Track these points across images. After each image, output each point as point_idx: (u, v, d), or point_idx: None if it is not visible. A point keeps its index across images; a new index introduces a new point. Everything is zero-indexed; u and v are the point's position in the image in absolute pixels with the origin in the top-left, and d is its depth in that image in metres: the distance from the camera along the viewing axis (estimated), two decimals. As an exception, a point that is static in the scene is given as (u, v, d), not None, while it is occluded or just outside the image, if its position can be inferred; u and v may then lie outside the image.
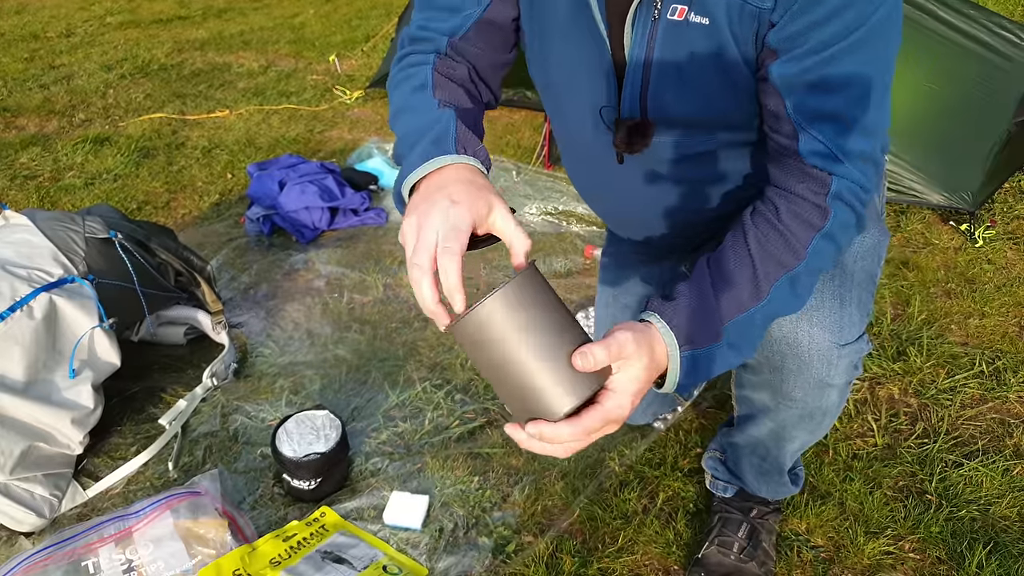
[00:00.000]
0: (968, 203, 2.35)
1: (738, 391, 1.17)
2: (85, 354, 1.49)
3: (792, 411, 1.06)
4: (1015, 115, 2.32)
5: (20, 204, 2.69)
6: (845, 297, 0.99)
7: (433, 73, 0.97)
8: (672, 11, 0.86)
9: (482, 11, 0.98)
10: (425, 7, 1.01)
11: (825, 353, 0.97)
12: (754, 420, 1.16)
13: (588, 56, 0.96)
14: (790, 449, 1.17)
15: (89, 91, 3.94)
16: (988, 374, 1.76)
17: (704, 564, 1.28)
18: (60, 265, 1.49)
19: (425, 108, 0.92)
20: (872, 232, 1.06)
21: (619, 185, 1.11)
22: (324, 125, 3.43)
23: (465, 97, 0.97)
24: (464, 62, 1.01)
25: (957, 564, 1.32)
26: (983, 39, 2.30)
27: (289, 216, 2.39)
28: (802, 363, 0.99)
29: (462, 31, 0.98)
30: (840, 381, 1.00)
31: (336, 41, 4.87)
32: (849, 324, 0.98)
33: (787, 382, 1.02)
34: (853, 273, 1.01)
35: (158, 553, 1.27)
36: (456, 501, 1.45)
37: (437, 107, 0.92)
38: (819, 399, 1.03)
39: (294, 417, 1.48)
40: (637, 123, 0.98)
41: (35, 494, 1.38)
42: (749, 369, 1.07)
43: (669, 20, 0.87)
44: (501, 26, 1.00)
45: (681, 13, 0.86)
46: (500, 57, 1.03)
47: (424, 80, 0.96)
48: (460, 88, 0.98)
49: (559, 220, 2.51)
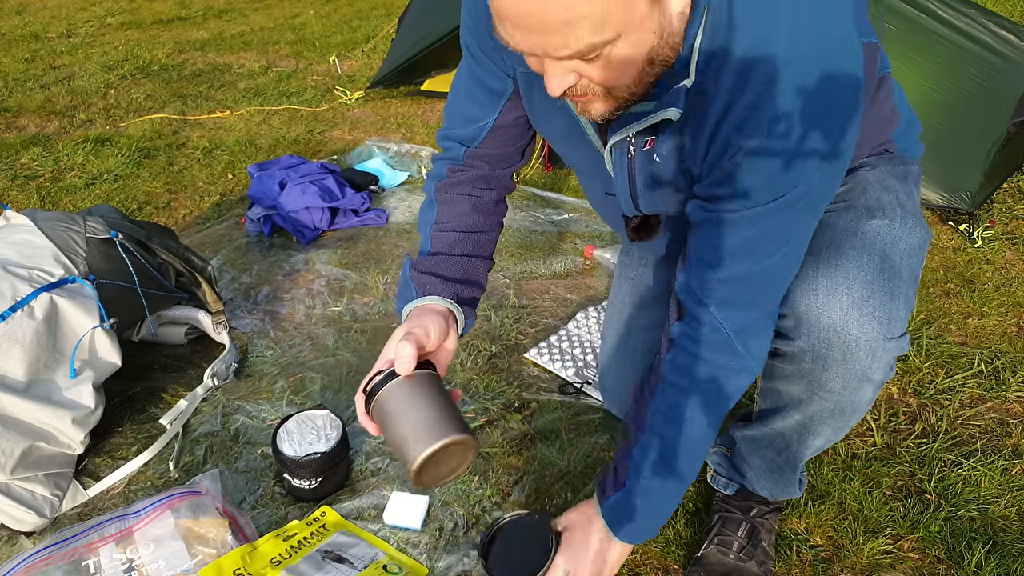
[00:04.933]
0: (967, 203, 2.35)
1: (766, 383, 1.16)
2: (86, 354, 1.49)
3: (826, 404, 1.06)
4: (1014, 115, 2.32)
5: (21, 204, 2.69)
6: (895, 291, 0.99)
7: (436, 193, 1.19)
8: (643, 143, 0.99)
9: (494, 120, 1.14)
10: (449, 112, 1.19)
11: (872, 344, 0.97)
12: (780, 413, 1.15)
13: (586, 155, 1.10)
14: (812, 445, 1.16)
15: (90, 91, 3.95)
16: (987, 374, 1.76)
17: (703, 563, 1.28)
18: (61, 265, 1.50)
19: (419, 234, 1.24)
20: (919, 231, 1.06)
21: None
22: (324, 126, 3.43)
23: (466, 205, 1.18)
24: (479, 166, 1.19)
25: (956, 563, 1.32)
26: (982, 39, 2.30)
27: (290, 216, 2.39)
28: (848, 352, 0.98)
29: (478, 141, 1.16)
30: (878, 377, 1.00)
31: (336, 42, 4.87)
32: (896, 319, 0.98)
33: (829, 371, 1.02)
34: (900, 270, 1.01)
35: (159, 553, 1.27)
36: (456, 500, 1.45)
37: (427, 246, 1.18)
38: (856, 393, 1.02)
39: (295, 417, 1.49)
40: (643, 220, 1.17)
41: (36, 494, 1.38)
42: (786, 359, 1.07)
43: (642, 151, 1.00)
44: (513, 125, 1.15)
45: (651, 143, 0.98)
46: (516, 147, 1.20)
47: (430, 199, 1.20)
48: (464, 198, 1.19)
49: (559, 220, 2.52)
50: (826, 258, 1.00)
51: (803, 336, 1.01)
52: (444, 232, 1.17)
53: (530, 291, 2.13)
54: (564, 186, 2.74)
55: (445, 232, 1.17)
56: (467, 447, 0.95)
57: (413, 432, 0.92)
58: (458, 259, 1.16)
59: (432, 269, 1.13)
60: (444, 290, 1.11)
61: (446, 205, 1.18)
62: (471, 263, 1.17)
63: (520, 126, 1.16)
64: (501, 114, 1.13)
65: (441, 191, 1.19)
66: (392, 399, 0.96)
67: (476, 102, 1.13)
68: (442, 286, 1.11)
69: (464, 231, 1.18)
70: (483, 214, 1.20)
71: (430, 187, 1.21)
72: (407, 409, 0.95)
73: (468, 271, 1.16)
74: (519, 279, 2.19)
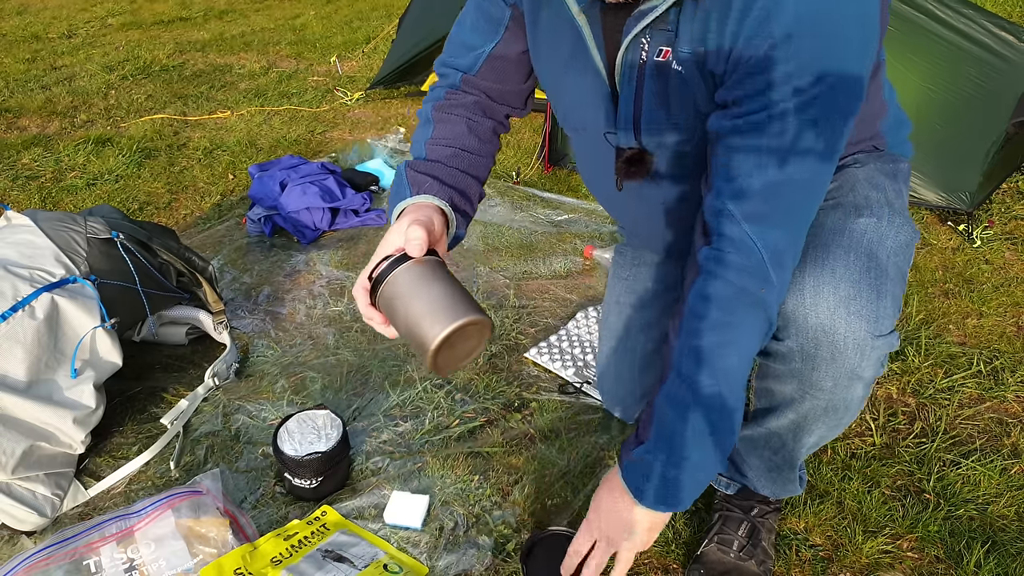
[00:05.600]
0: (966, 203, 2.35)
1: (760, 383, 1.16)
2: (87, 354, 1.49)
3: (818, 402, 1.06)
4: (1013, 116, 2.32)
5: (22, 205, 2.70)
6: (881, 289, 0.99)
7: (433, 112, 1.16)
8: (658, 52, 0.95)
9: (491, 48, 1.13)
10: (449, 44, 1.19)
11: (861, 342, 0.98)
12: (774, 412, 1.15)
13: (589, 86, 1.06)
14: (807, 443, 1.16)
15: (91, 92, 3.95)
16: (986, 374, 1.76)
17: (703, 561, 1.29)
18: (62, 265, 1.50)
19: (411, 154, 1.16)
20: (906, 229, 1.06)
21: (625, 201, 1.21)
22: (325, 126, 3.44)
23: (463, 126, 1.14)
24: (476, 93, 1.17)
25: (955, 563, 1.32)
26: (981, 40, 2.30)
27: (290, 217, 2.39)
28: (836, 351, 0.99)
29: (475, 68, 1.15)
30: (869, 374, 1.01)
31: (337, 42, 4.88)
32: (884, 316, 0.98)
33: (819, 370, 1.02)
34: (887, 268, 1.01)
35: (160, 552, 1.27)
36: (456, 500, 1.45)
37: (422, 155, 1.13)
38: (847, 391, 1.03)
39: (295, 416, 1.49)
40: (635, 153, 1.09)
41: (37, 493, 1.39)
42: (777, 359, 1.07)
43: (655, 61, 0.96)
44: (511, 60, 1.14)
45: (666, 55, 0.94)
46: (514, 87, 1.18)
47: (427, 117, 1.16)
48: (460, 119, 1.15)
49: (559, 221, 2.52)
50: (813, 257, 1.00)
51: (792, 336, 1.02)
52: (440, 146, 1.13)
53: (530, 291, 2.13)
54: (564, 187, 2.75)
55: (441, 146, 1.13)
56: (483, 329, 0.90)
57: (429, 313, 0.88)
58: (453, 171, 1.11)
59: (428, 171, 1.09)
60: (440, 192, 1.06)
61: (442, 124, 1.15)
62: (465, 178, 1.12)
63: (521, 64, 1.15)
64: (500, 43, 1.12)
65: (438, 110, 1.16)
66: (404, 282, 0.90)
67: (477, 31, 1.14)
68: (439, 188, 1.06)
69: (460, 148, 1.13)
70: (479, 138, 1.16)
71: (427, 108, 1.17)
72: (420, 291, 0.90)
73: (462, 184, 1.11)
74: (519, 279, 2.19)
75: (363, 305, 0.96)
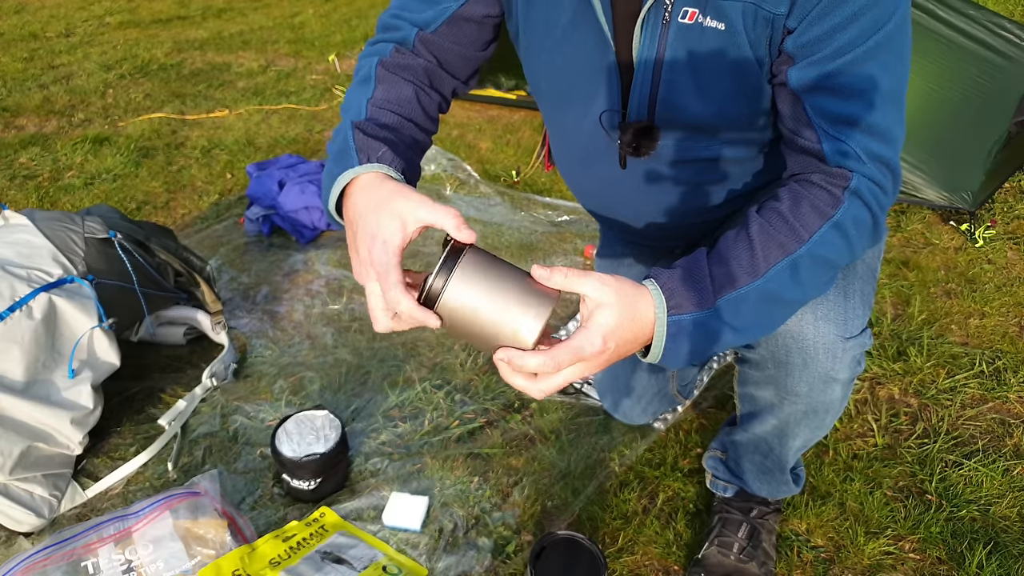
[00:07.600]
0: (968, 203, 2.35)
1: (741, 389, 1.17)
2: (84, 354, 1.48)
3: (797, 407, 1.06)
4: (1015, 115, 2.32)
5: (19, 204, 2.69)
6: (848, 290, 0.99)
7: (378, 68, 1.00)
8: (683, 14, 0.87)
9: (458, 6, 1.00)
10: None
11: (830, 346, 0.97)
12: (758, 417, 1.16)
13: (589, 59, 0.97)
14: (793, 446, 1.17)
15: (88, 91, 3.94)
16: (988, 374, 1.76)
17: (704, 564, 1.28)
18: (59, 265, 1.49)
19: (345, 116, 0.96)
20: None
21: (619, 188, 1.11)
22: (324, 125, 3.43)
23: (410, 92, 0.99)
24: (428, 56, 1.03)
25: (957, 564, 1.32)
26: (983, 39, 2.30)
27: (288, 216, 2.38)
28: (807, 357, 0.99)
29: (435, 25, 1.00)
30: (844, 376, 1.00)
31: (335, 41, 4.87)
32: (853, 317, 0.98)
33: (792, 376, 1.02)
34: (855, 267, 1.01)
35: (157, 553, 1.27)
36: (456, 501, 1.45)
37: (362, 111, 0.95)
38: (823, 394, 1.03)
39: (294, 417, 1.48)
40: (644, 126, 0.98)
41: (34, 494, 1.38)
42: (753, 365, 1.07)
43: (680, 23, 0.88)
44: (476, 23, 1.02)
45: (692, 16, 0.87)
46: (472, 53, 1.05)
47: (368, 74, 1.00)
48: (408, 83, 1.00)
49: (559, 221, 2.51)
50: None
51: (763, 344, 1.02)
52: (385, 110, 0.97)
53: (530, 291, 2.12)
54: (564, 186, 2.74)
55: (386, 111, 0.97)
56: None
57: (519, 299, 0.78)
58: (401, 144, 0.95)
59: (380, 136, 0.92)
60: (395, 163, 0.89)
61: (388, 84, 0.99)
62: (411, 156, 0.95)
63: (483, 29, 1.03)
64: (469, 2, 1.00)
65: (384, 67, 1.00)
66: (478, 272, 0.78)
67: None
68: (392, 157, 0.89)
69: (406, 117, 0.98)
70: (425, 113, 1.02)
71: (370, 63, 1.01)
72: (496, 278, 0.79)
73: (410, 162, 0.94)
74: (519, 279, 2.18)
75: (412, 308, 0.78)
